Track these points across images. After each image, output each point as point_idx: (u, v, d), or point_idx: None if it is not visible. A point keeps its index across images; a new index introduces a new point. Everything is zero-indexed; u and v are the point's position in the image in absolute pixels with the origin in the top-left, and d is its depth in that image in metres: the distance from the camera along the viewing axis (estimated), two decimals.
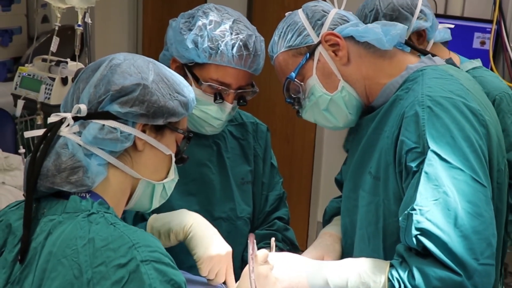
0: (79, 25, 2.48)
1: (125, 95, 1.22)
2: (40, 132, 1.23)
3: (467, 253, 1.22)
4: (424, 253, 1.26)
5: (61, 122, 1.22)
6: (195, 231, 1.56)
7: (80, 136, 1.21)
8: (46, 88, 2.52)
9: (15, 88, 2.60)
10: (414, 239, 1.26)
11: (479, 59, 1.65)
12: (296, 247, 1.94)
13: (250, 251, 1.37)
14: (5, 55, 3.96)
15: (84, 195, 1.20)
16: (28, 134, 1.28)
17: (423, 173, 1.28)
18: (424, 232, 1.25)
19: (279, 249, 1.84)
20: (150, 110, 1.23)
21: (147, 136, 1.26)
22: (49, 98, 2.50)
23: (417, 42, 2.05)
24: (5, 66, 3.94)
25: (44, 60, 2.63)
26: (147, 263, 1.09)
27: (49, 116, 1.25)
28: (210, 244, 1.54)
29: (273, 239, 1.63)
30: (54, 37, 2.54)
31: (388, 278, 1.31)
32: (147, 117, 1.24)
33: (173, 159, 1.34)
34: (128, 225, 1.16)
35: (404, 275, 1.28)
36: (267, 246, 1.81)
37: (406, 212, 1.29)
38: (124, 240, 1.11)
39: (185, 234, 1.56)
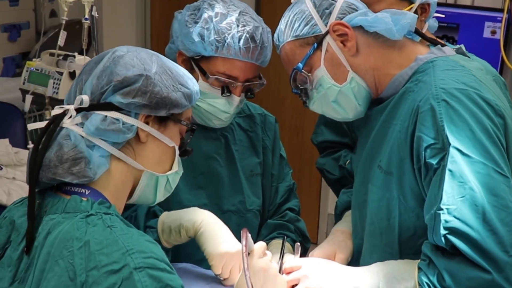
0: (86, 19, 2.48)
1: (128, 85, 1.21)
2: (43, 124, 1.23)
3: (497, 247, 1.20)
4: (452, 252, 1.25)
5: (64, 114, 1.22)
6: (205, 227, 1.54)
7: (82, 127, 1.21)
8: (54, 83, 2.52)
9: (23, 83, 2.60)
10: (443, 238, 1.24)
11: (463, 45, 1.65)
12: (307, 239, 1.94)
13: (243, 248, 1.34)
14: (13, 50, 3.96)
15: (84, 191, 1.20)
16: (31, 126, 1.28)
17: (447, 171, 1.26)
18: (453, 231, 1.23)
19: (291, 240, 1.84)
20: (152, 100, 1.23)
21: (150, 127, 1.25)
22: (57, 93, 2.50)
23: (420, 17, 2.02)
24: (13, 62, 3.94)
25: (52, 54, 2.63)
26: (141, 270, 1.08)
27: None
28: (220, 241, 1.53)
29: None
30: (62, 31, 2.54)
31: (418, 283, 1.30)
32: (150, 108, 1.23)
33: (177, 151, 1.33)
34: (126, 228, 1.15)
35: (434, 278, 1.26)
36: (280, 236, 1.83)
37: (432, 211, 1.27)
38: (118, 245, 1.09)
39: (195, 231, 1.55)
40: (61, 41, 2.51)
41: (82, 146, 1.19)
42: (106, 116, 1.20)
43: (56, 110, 1.23)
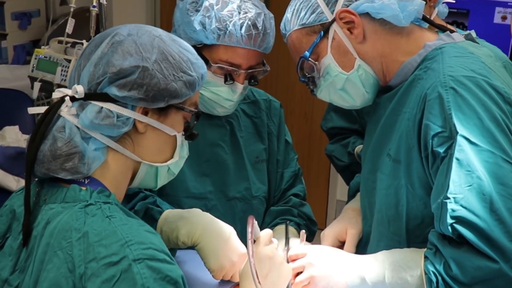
0: (94, 6, 2.48)
1: (123, 77, 1.17)
2: (43, 109, 1.19)
3: (504, 237, 1.19)
4: (459, 241, 1.23)
5: (61, 101, 1.17)
6: (204, 242, 1.48)
7: (78, 118, 1.17)
8: (62, 70, 2.53)
9: (32, 71, 2.62)
10: (449, 228, 1.23)
11: (473, 30, 1.62)
12: (313, 222, 1.94)
13: (248, 235, 1.31)
14: (24, 38, 3.97)
15: (84, 180, 1.17)
16: (31, 110, 1.26)
17: (454, 160, 1.25)
18: (460, 220, 1.21)
19: (295, 224, 1.84)
20: (149, 94, 1.18)
21: (148, 118, 1.21)
22: (65, 80, 2.52)
23: (429, 2, 1.99)
24: (24, 49, 3.95)
25: (60, 42, 2.64)
26: (140, 261, 1.06)
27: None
28: (220, 255, 1.48)
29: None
30: (70, 18, 2.54)
31: (425, 272, 1.29)
32: (146, 101, 1.19)
33: (178, 140, 1.29)
34: (125, 218, 1.13)
35: (440, 267, 1.25)
36: (283, 222, 1.82)
37: (439, 200, 1.26)
38: (117, 236, 1.07)
39: (193, 243, 1.50)
40: (69, 28, 2.52)
41: (77, 139, 1.16)
42: (102, 107, 1.16)
43: (57, 93, 1.20)
